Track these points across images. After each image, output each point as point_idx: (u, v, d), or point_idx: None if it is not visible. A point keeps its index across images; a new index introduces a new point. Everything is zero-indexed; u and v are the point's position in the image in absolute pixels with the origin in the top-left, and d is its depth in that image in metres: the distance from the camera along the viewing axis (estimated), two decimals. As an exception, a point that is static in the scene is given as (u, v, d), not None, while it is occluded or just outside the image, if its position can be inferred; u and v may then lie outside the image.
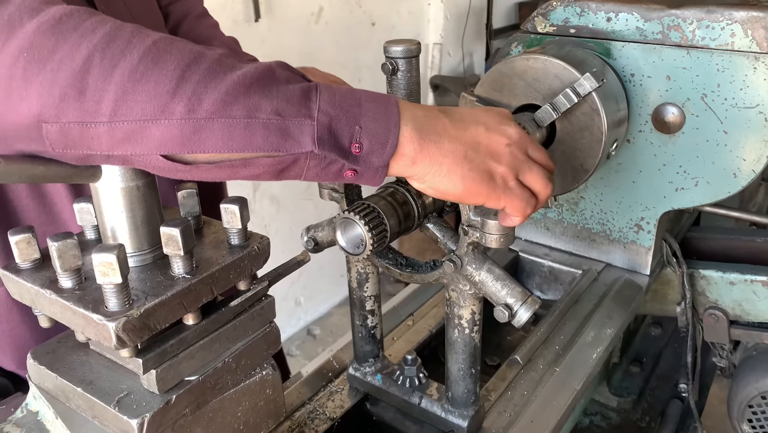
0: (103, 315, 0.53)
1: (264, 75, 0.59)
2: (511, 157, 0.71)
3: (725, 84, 1.13)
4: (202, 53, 0.58)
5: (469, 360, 0.90)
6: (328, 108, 0.60)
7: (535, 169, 0.74)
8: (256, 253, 0.65)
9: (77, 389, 0.60)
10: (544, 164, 0.76)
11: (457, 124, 0.69)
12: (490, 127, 0.71)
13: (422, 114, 0.67)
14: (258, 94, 0.57)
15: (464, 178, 0.68)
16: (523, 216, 0.74)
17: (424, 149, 0.65)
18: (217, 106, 0.56)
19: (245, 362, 0.67)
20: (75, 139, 0.54)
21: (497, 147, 0.70)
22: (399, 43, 0.76)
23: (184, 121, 0.55)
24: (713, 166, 1.19)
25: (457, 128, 0.69)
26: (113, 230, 0.61)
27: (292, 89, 0.60)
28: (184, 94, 0.55)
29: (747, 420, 1.43)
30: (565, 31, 1.26)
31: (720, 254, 1.54)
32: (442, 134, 0.67)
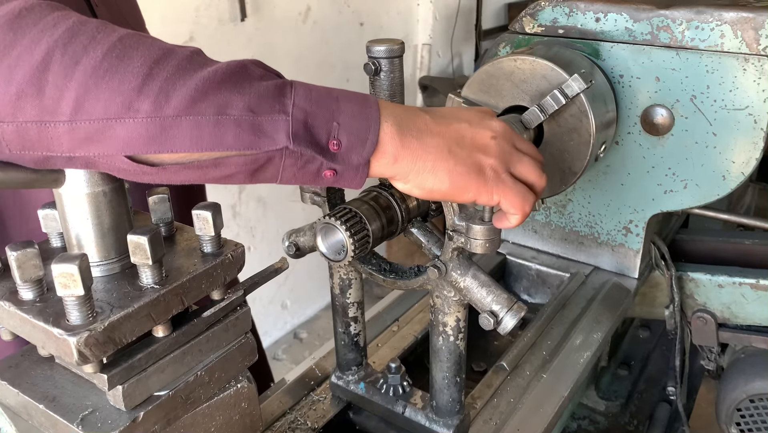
0: (63, 329, 0.50)
1: (236, 71, 0.56)
2: (499, 148, 0.68)
3: (714, 85, 1.11)
4: (171, 50, 0.55)
5: (453, 368, 0.88)
6: (304, 104, 0.58)
7: (526, 160, 0.71)
8: (230, 261, 0.62)
9: (39, 406, 0.57)
10: (533, 156, 0.74)
11: (438, 120, 0.67)
12: (473, 122, 0.69)
13: (402, 112, 0.64)
14: (229, 91, 0.55)
15: (451, 173, 0.65)
16: (522, 212, 0.70)
17: (406, 146, 0.63)
18: (186, 104, 0.53)
19: (219, 375, 0.64)
20: (33, 140, 0.51)
21: (483, 140, 0.68)
22: (382, 42, 0.74)
23: (150, 119, 0.52)
24: (702, 168, 1.17)
25: (439, 124, 0.66)
26: (78, 238, 0.58)
27: (266, 85, 0.57)
28: (151, 92, 0.52)
29: (735, 423, 1.42)
30: (554, 31, 1.24)
31: (708, 256, 1.52)
32: (424, 130, 0.64)
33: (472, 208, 0.77)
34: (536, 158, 0.74)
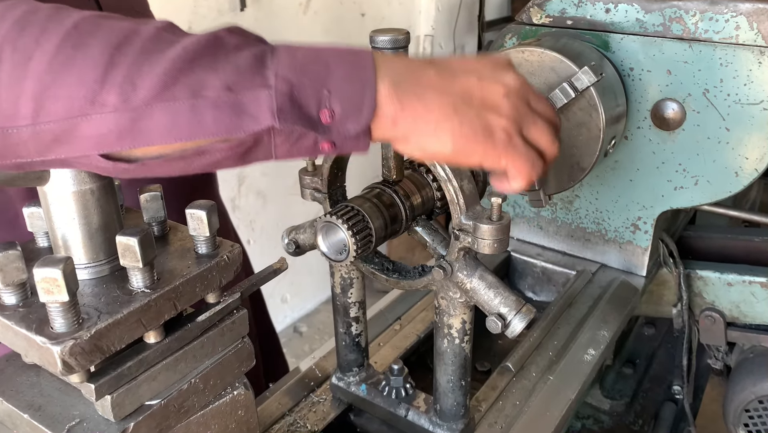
0: (47, 337, 0.47)
1: (208, 45, 0.50)
2: (512, 108, 0.61)
3: (728, 79, 1.07)
4: (133, 30, 0.49)
5: (458, 371, 0.85)
6: (287, 73, 0.51)
7: (540, 123, 0.64)
8: (226, 263, 0.59)
9: (24, 415, 0.54)
10: (549, 119, 0.66)
11: (444, 74, 0.59)
12: (484, 75, 0.60)
13: (402, 67, 0.58)
14: (203, 69, 0.49)
15: (455, 135, 0.58)
16: (527, 179, 0.63)
17: (406, 106, 0.56)
18: (155, 90, 0.47)
19: (214, 381, 0.61)
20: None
21: (494, 97, 0.60)
22: (386, 32, 0.70)
23: (118, 113, 0.46)
24: (714, 164, 1.14)
25: (444, 78, 0.59)
26: (65, 239, 0.55)
27: (244, 56, 0.51)
28: (115, 81, 0.46)
29: (743, 424, 1.39)
30: (562, 22, 1.20)
31: (716, 253, 1.49)
32: (427, 86, 0.57)
33: (480, 207, 0.74)
34: (552, 121, 0.66)
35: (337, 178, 0.87)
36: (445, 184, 0.73)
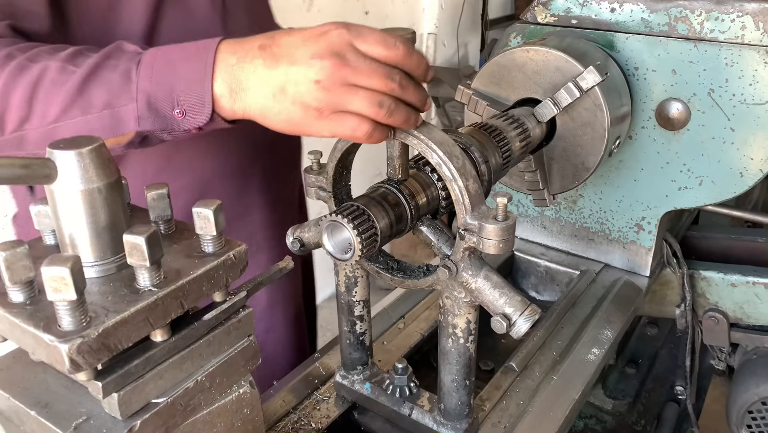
0: (55, 335, 0.47)
1: (96, 69, 0.73)
2: (321, 93, 0.68)
3: (734, 79, 1.07)
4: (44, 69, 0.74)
5: (463, 371, 0.85)
6: (146, 85, 0.72)
7: (359, 97, 0.68)
8: (233, 262, 0.59)
9: (31, 412, 0.54)
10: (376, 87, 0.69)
11: (268, 63, 0.70)
12: (299, 60, 0.69)
13: (236, 60, 0.72)
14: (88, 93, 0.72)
15: (278, 120, 0.72)
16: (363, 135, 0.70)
17: (238, 99, 0.72)
18: (59, 113, 0.73)
19: (220, 380, 0.61)
20: None
21: (302, 88, 0.69)
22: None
23: (42, 129, 0.74)
24: (719, 164, 1.14)
25: (268, 68, 0.70)
26: (72, 238, 0.55)
27: (116, 77, 0.72)
28: (35, 109, 0.73)
29: (746, 426, 1.39)
30: (567, 21, 1.20)
31: (720, 254, 1.49)
32: (252, 80, 0.71)
33: (485, 207, 0.74)
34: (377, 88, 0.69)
35: (342, 177, 0.87)
36: (450, 183, 0.73)
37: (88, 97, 0.72)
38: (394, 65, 0.70)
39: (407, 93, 0.71)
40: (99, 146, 0.53)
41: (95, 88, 0.72)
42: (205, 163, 1.14)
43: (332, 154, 0.83)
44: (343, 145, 0.81)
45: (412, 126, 0.73)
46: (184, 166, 1.12)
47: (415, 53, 0.71)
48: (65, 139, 0.53)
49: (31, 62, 0.74)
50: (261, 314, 1.28)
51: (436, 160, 0.73)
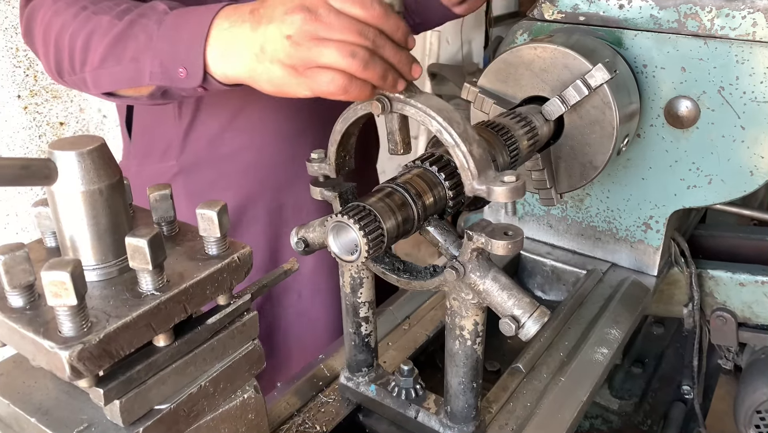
0: (55, 341, 0.46)
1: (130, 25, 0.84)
2: (293, 48, 0.70)
3: (744, 76, 1.05)
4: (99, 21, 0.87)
5: (470, 373, 0.83)
6: (161, 45, 0.82)
7: (330, 50, 0.69)
8: (237, 264, 0.58)
9: (31, 419, 0.53)
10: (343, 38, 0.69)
11: (254, 25, 0.74)
12: (274, 19, 0.71)
13: (229, 25, 0.77)
14: (121, 46, 0.84)
15: (263, 80, 0.75)
16: (338, 89, 0.70)
17: (228, 64, 0.78)
18: (98, 63, 0.87)
19: (224, 385, 0.60)
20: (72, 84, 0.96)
21: (277, 45, 0.71)
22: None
23: (86, 74, 0.90)
24: (728, 163, 1.12)
25: (252, 30, 0.74)
26: (72, 240, 0.53)
27: (144, 36, 0.82)
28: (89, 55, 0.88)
29: (754, 426, 1.38)
30: (574, 18, 1.18)
31: (727, 253, 1.48)
32: (240, 43, 0.76)
33: (492, 171, 0.72)
34: (347, 40, 0.69)
35: (345, 162, 0.85)
36: (453, 149, 0.71)
37: (120, 50, 0.84)
38: (371, 25, 0.70)
39: (384, 51, 0.70)
40: (100, 146, 0.52)
41: (126, 42, 0.84)
42: (265, 125, 1.23)
43: (332, 138, 0.82)
44: (341, 126, 0.80)
45: (391, 87, 0.71)
46: (246, 126, 1.23)
47: (392, 15, 0.70)
48: (66, 140, 0.52)
49: (95, 14, 0.87)
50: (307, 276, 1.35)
51: (436, 126, 0.71)
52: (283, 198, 1.31)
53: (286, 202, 1.31)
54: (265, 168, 1.26)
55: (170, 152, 1.25)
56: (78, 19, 0.88)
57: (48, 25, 0.92)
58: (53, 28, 0.91)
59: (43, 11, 0.94)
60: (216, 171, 1.26)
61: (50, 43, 0.92)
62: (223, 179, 1.26)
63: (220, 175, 1.26)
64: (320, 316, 1.38)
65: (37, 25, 0.95)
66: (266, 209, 1.30)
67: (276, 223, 1.33)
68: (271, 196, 1.30)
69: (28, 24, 0.97)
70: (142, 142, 1.29)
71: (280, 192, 1.30)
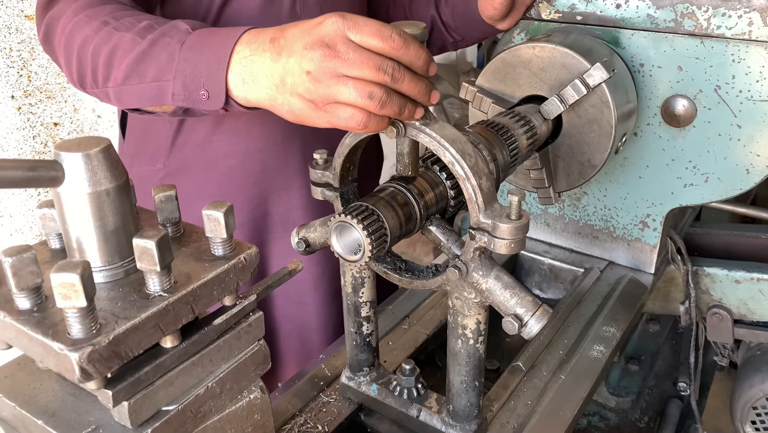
0: (64, 343, 0.46)
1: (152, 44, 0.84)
2: (312, 84, 0.71)
3: (741, 75, 1.06)
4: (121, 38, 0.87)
5: (473, 372, 0.84)
6: (183, 66, 0.82)
7: (348, 89, 0.70)
8: (243, 265, 0.58)
9: (38, 421, 0.53)
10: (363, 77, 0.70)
11: (274, 56, 0.75)
12: (294, 52, 0.72)
13: (250, 53, 0.78)
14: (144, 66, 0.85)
15: (284, 110, 0.77)
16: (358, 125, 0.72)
17: (250, 90, 0.79)
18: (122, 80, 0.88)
19: (231, 385, 0.60)
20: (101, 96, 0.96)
21: (297, 79, 0.72)
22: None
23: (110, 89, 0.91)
24: (725, 161, 1.13)
25: (273, 61, 0.75)
26: (79, 242, 0.53)
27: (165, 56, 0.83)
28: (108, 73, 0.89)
29: (750, 422, 1.39)
30: (572, 18, 1.19)
31: (723, 250, 1.49)
32: (261, 72, 0.77)
33: (498, 205, 0.73)
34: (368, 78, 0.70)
35: (348, 172, 0.85)
36: (463, 182, 0.72)
37: (143, 69, 0.85)
38: (390, 57, 0.70)
39: (402, 84, 0.71)
40: (107, 148, 0.52)
41: (149, 62, 0.84)
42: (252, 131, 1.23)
43: (339, 150, 0.82)
44: (351, 141, 0.80)
45: (408, 118, 0.73)
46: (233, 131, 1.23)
47: (413, 45, 0.70)
48: (71, 141, 0.52)
49: (116, 30, 0.87)
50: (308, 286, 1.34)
51: (449, 158, 0.72)
52: (270, 206, 1.29)
53: (273, 209, 1.29)
54: (252, 175, 1.25)
55: (159, 155, 1.24)
56: (100, 35, 0.88)
57: (69, 37, 0.92)
58: (75, 42, 0.91)
59: (63, 21, 0.93)
60: (202, 176, 1.24)
61: (72, 55, 0.92)
62: (210, 184, 1.24)
63: (206, 180, 1.24)
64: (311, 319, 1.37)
65: (57, 35, 0.95)
66: (252, 216, 1.28)
67: (262, 230, 1.30)
68: (257, 203, 1.27)
69: (48, 32, 0.97)
70: (134, 143, 1.29)
71: (267, 199, 1.28)
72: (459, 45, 1.45)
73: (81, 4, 0.93)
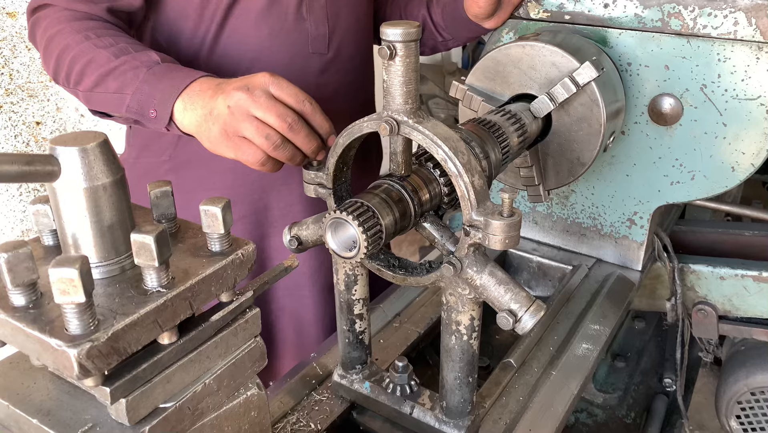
0: (62, 340, 0.45)
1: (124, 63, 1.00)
2: (229, 117, 0.89)
3: (726, 74, 1.08)
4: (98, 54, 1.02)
5: (466, 368, 0.84)
6: (142, 87, 0.98)
7: (251, 127, 0.87)
8: (240, 261, 0.57)
9: (32, 420, 0.52)
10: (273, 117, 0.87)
11: (213, 94, 0.93)
12: (225, 91, 0.90)
13: (199, 90, 0.95)
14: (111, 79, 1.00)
15: (204, 137, 0.95)
16: (256, 162, 0.91)
17: (186, 116, 0.96)
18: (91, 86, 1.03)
19: (228, 382, 0.60)
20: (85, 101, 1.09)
21: (221, 111, 0.90)
22: (397, 25, 0.69)
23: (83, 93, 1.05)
24: (711, 159, 1.15)
25: (211, 98, 0.92)
26: (75, 238, 0.52)
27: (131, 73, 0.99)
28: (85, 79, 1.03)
29: (735, 416, 1.41)
30: (560, 17, 1.20)
31: (707, 247, 1.51)
32: (199, 104, 0.94)
33: (491, 203, 0.73)
34: (270, 123, 0.87)
35: (342, 173, 0.85)
36: (455, 179, 0.72)
37: (110, 81, 1.00)
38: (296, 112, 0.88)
39: (297, 136, 0.87)
40: (103, 142, 0.51)
41: (117, 76, 1.00)
42: None
43: (333, 150, 0.82)
44: (345, 140, 0.80)
45: (296, 164, 0.90)
46: None
47: (319, 115, 0.90)
48: (67, 135, 0.51)
49: (95, 47, 1.01)
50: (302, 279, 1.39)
51: (442, 155, 0.72)
52: (271, 200, 1.31)
53: (273, 204, 1.32)
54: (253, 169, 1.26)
55: (166, 147, 1.27)
56: (80, 47, 1.02)
57: (51, 40, 1.06)
58: (57, 45, 1.05)
59: (46, 23, 1.08)
60: (205, 168, 1.26)
61: (52, 56, 1.06)
62: (213, 177, 1.27)
63: (209, 172, 1.26)
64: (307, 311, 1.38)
65: (39, 34, 1.09)
66: (253, 209, 1.31)
67: (262, 224, 1.33)
68: (258, 197, 1.31)
69: (33, 29, 1.12)
70: (143, 135, 1.31)
71: (268, 193, 1.31)
72: (449, 45, 1.47)
73: (66, 16, 1.06)
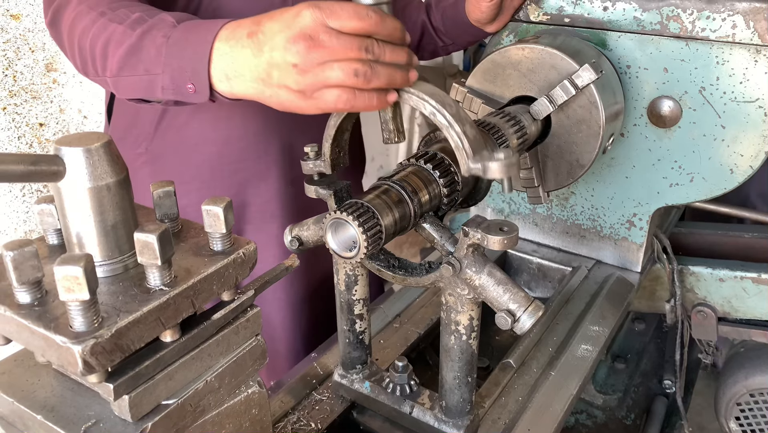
0: (67, 336, 0.46)
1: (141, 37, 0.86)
2: (300, 76, 0.74)
3: (724, 77, 1.09)
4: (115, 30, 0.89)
5: (465, 368, 0.85)
6: (170, 62, 0.84)
7: (333, 72, 0.72)
8: (242, 260, 0.58)
9: (37, 416, 0.53)
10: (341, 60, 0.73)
11: (254, 51, 0.76)
12: (276, 47, 0.74)
13: (229, 49, 0.79)
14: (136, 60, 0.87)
15: (272, 101, 0.78)
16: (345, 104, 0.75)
17: (235, 84, 0.80)
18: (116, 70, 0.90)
19: (229, 380, 0.60)
20: None
21: (283, 72, 0.74)
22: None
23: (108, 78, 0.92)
24: (710, 161, 1.16)
25: (255, 56, 0.76)
26: (79, 236, 0.53)
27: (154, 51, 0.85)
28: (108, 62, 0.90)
29: (734, 418, 1.41)
30: (559, 20, 1.21)
31: (707, 249, 1.52)
32: (244, 67, 0.78)
33: (486, 151, 0.73)
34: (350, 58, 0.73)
35: (339, 158, 0.86)
36: (447, 131, 0.72)
37: (135, 62, 0.87)
38: (368, 35, 0.73)
39: (384, 58, 0.74)
40: (107, 143, 0.52)
41: (140, 54, 0.86)
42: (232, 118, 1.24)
43: (327, 132, 0.83)
44: (335, 120, 0.80)
45: (400, 84, 0.75)
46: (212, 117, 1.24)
47: (388, 19, 0.73)
48: (72, 136, 0.52)
49: (111, 22, 0.89)
50: None
51: (430, 109, 0.72)
52: (248, 196, 1.30)
53: (250, 200, 1.31)
54: (230, 162, 1.27)
55: (142, 139, 1.26)
56: (96, 25, 0.91)
57: (71, 27, 0.95)
58: (76, 31, 0.94)
59: (68, 11, 0.96)
60: (182, 161, 1.25)
61: (74, 45, 0.95)
62: (189, 170, 1.26)
63: (186, 166, 1.25)
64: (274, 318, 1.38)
65: (63, 24, 0.98)
66: None
67: (240, 220, 1.32)
68: (235, 192, 1.29)
69: (54, 20, 1.00)
70: (119, 127, 1.30)
71: (246, 189, 1.30)
72: (449, 49, 1.47)
73: None
